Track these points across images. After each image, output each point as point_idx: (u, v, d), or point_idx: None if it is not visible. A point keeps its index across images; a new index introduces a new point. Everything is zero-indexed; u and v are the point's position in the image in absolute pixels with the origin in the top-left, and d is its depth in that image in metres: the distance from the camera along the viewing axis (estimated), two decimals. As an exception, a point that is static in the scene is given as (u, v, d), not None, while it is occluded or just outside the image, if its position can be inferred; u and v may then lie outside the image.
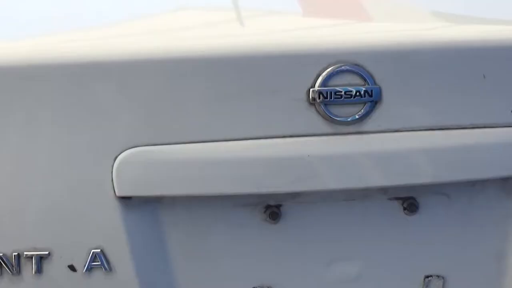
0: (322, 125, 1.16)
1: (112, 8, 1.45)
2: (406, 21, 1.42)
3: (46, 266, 1.16)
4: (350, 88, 1.14)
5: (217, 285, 1.26)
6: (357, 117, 1.16)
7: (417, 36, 1.30)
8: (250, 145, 1.18)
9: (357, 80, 1.15)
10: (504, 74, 1.23)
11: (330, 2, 1.46)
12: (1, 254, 1.15)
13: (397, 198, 1.24)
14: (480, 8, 1.46)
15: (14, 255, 1.15)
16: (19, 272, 1.16)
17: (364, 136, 1.18)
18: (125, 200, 1.17)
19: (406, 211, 1.24)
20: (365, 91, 1.14)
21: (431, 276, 1.26)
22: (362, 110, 1.16)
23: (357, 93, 1.14)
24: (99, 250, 1.17)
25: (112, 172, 1.15)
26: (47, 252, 1.16)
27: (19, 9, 1.46)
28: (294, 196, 1.22)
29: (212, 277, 1.25)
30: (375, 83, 1.15)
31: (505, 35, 1.30)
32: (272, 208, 1.21)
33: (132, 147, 1.15)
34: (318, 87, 1.14)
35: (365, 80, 1.14)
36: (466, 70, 1.21)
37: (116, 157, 1.15)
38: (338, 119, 1.15)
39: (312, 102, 1.15)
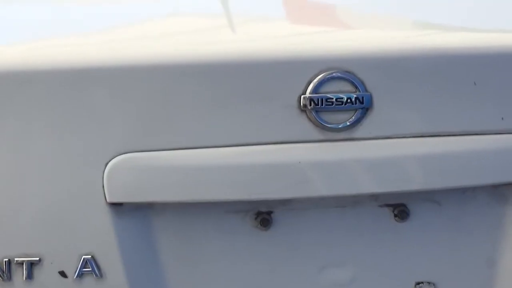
0: (313, 132, 1.16)
1: (104, 14, 1.46)
2: (396, 29, 1.42)
3: (37, 272, 1.15)
4: (341, 95, 1.14)
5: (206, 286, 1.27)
6: (348, 124, 1.15)
7: (407, 43, 1.30)
8: (241, 151, 1.18)
9: (348, 87, 1.15)
10: (494, 81, 1.23)
11: (320, 11, 1.47)
12: None
13: (388, 205, 1.24)
14: (468, 16, 1.47)
15: (5, 261, 1.15)
16: (9, 278, 1.16)
17: (355, 143, 1.18)
18: (116, 206, 1.16)
19: (397, 218, 1.23)
20: (356, 98, 1.14)
21: (422, 282, 1.26)
22: (353, 117, 1.15)
23: (348, 100, 1.14)
24: (90, 256, 1.16)
25: (103, 178, 1.14)
26: (37, 258, 1.15)
27: (16, 15, 1.45)
28: (285, 202, 1.22)
29: (204, 283, 1.24)
30: (366, 90, 1.15)
31: (495, 43, 1.31)
32: (263, 215, 1.21)
33: (123, 153, 1.15)
34: (309, 94, 1.14)
35: (356, 87, 1.14)
36: (456, 77, 1.21)
37: (107, 163, 1.14)
38: (329, 125, 1.15)
39: (303, 109, 1.15)
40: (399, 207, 1.23)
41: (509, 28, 1.42)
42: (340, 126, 1.16)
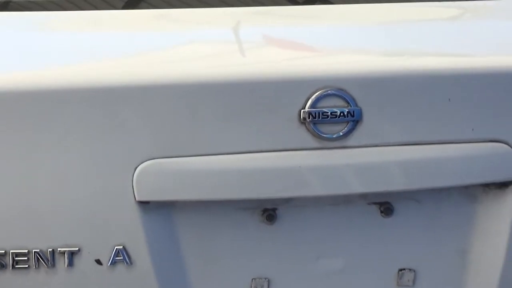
0: (311, 141, 1.20)
1: (133, 42, 1.45)
2: (382, 53, 1.42)
3: (76, 260, 1.19)
4: (335, 109, 1.19)
5: (222, 276, 1.27)
6: (341, 134, 1.20)
7: (391, 65, 1.33)
8: (250, 157, 1.22)
9: (341, 102, 1.19)
10: (466, 98, 1.25)
11: (316, 38, 1.46)
12: (38, 250, 1.18)
13: (375, 203, 1.28)
14: (443, 43, 1.47)
15: (49, 251, 1.19)
16: (53, 265, 1.19)
17: (347, 150, 1.22)
18: (144, 204, 1.20)
19: (383, 214, 1.27)
20: (348, 112, 1.19)
21: (404, 269, 1.29)
22: (345, 128, 1.20)
23: (341, 114, 1.19)
24: (121, 247, 1.20)
25: (133, 180, 1.18)
26: (77, 248, 1.19)
27: (53, 42, 1.45)
28: (288, 201, 1.25)
29: (218, 269, 1.27)
30: (356, 105, 1.19)
31: (466, 66, 1.32)
32: (269, 211, 1.25)
33: (149, 159, 1.19)
34: (308, 108, 1.18)
35: (348, 102, 1.19)
36: (433, 95, 1.25)
37: (136, 168, 1.18)
38: (325, 135, 1.20)
39: (302, 121, 1.19)
40: (385, 205, 1.27)
41: (477, 52, 1.42)
42: (334, 136, 1.20)
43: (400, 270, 1.30)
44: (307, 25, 1.54)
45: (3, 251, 1.19)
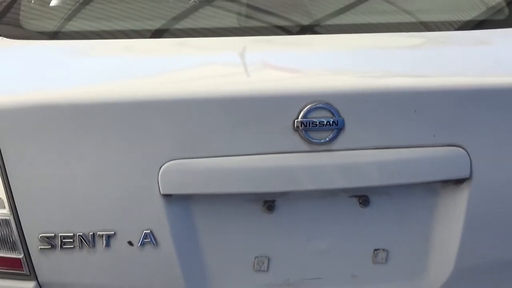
0: (303, 145, 1.20)
1: (158, 65, 1.44)
2: (361, 73, 1.41)
3: (112, 242, 1.20)
4: (322, 119, 1.18)
5: (230, 255, 1.26)
6: (327, 139, 1.20)
7: (369, 83, 1.33)
8: (252, 158, 1.21)
9: (327, 114, 1.19)
10: (428, 110, 1.25)
11: (306, 60, 1.47)
12: (82, 233, 1.18)
13: (355, 196, 1.27)
14: (413, 65, 1.47)
15: (90, 234, 1.19)
16: (94, 246, 1.19)
17: (332, 153, 1.22)
18: (167, 196, 1.19)
19: (361, 205, 1.27)
20: (333, 121, 1.18)
21: (378, 249, 1.28)
22: (331, 135, 1.19)
23: (327, 123, 1.18)
24: (149, 231, 1.20)
25: (158, 177, 1.18)
26: (113, 232, 1.19)
27: (96, 64, 1.45)
28: (284, 194, 1.24)
29: (227, 250, 1.26)
30: (340, 116, 1.19)
31: (428, 84, 1.32)
32: (269, 203, 1.24)
33: (172, 160, 1.19)
34: (300, 118, 1.18)
35: (333, 114, 1.19)
36: (402, 107, 1.24)
37: (161, 167, 1.18)
38: (314, 141, 1.19)
39: (296, 129, 1.19)
40: (363, 197, 1.26)
41: (437, 74, 1.41)
42: (321, 141, 1.20)
43: (375, 250, 1.29)
44: (299, 51, 1.52)
45: (53, 234, 1.19)
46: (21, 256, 1.20)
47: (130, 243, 1.21)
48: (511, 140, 1.29)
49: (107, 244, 1.20)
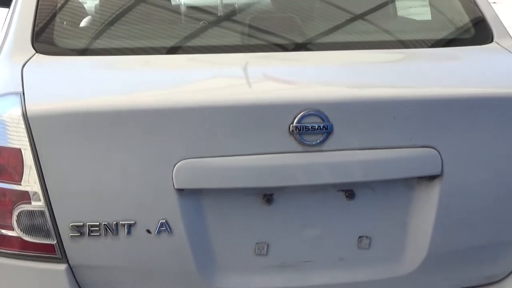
0: (297, 146, 1.20)
1: (173, 77, 1.44)
2: (347, 85, 1.41)
3: (133, 230, 1.20)
4: (314, 124, 1.19)
5: (234, 242, 1.26)
6: (318, 142, 1.20)
7: (354, 93, 1.33)
8: (254, 158, 1.21)
9: (318, 119, 1.19)
10: (406, 116, 1.25)
11: (300, 74, 1.46)
12: (106, 222, 1.18)
13: (342, 190, 1.26)
14: (392, 77, 1.47)
15: (114, 223, 1.19)
16: (117, 233, 1.19)
17: (322, 153, 1.22)
18: (180, 190, 1.19)
19: (347, 198, 1.26)
20: (323, 126, 1.19)
21: (362, 236, 1.28)
22: (321, 138, 1.20)
23: (318, 128, 1.19)
24: (164, 220, 1.19)
25: (172, 174, 1.18)
26: (133, 222, 1.19)
27: (119, 77, 1.44)
28: (281, 189, 1.25)
29: (231, 236, 1.26)
30: (329, 121, 1.19)
31: (406, 93, 1.33)
32: (267, 196, 1.24)
33: (184, 159, 1.19)
34: (295, 124, 1.18)
35: (323, 119, 1.19)
36: (383, 114, 1.25)
37: (175, 165, 1.18)
38: (306, 143, 1.20)
39: (291, 133, 1.19)
40: (349, 191, 1.26)
41: (413, 85, 1.41)
42: (313, 143, 1.20)
43: (360, 237, 1.29)
44: (294, 66, 1.51)
45: (82, 223, 1.19)
46: (54, 242, 1.20)
47: (148, 231, 1.20)
48: (477, 142, 1.29)
49: (128, 232, 1.20)
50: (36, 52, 1.41)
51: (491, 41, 1.57)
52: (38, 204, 1.19)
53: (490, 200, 1.30)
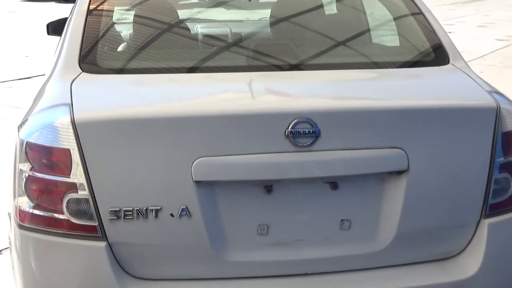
0: (291, 147, 1.20)
1: (192, 91, 1.45)
2: (333, 97, 1.41)
3: (159, 214, 1.19)
4: (305, 130, 1.19)
5: (241, 223, 1.25)
6: (308, 144, 1.20)
7: (338, 104, 1.34)
8: (256, 156, 1.21)
9: (308, 126, 1.19)
10: (379, 123, 1.26)
11: (294, 88, 1.45)
12: (138, 208, 1.18)
13: (328, 182, 1.25)
14: (370, 92, 1.47)
15: (144, 209, 1.19)
16: (146, 217, 1.19)
17: (312, 153, 1.21)
18: (197, 182, 1.19)
19: (332, 189, 1.26)
20: (313, 131, 1.19)
21: (344, 219, 1.27)
22: (311, 140, 1.20)
23: (308, 132, 1.19)
24: (185, 206, 1.19)
25: (191, 168, 1.18)
26: (160, 207, 1.19)
27: (148, 91, 1.44)
28: (279, 181, 1.24)
29: (238, 219, 1.25)
30: (317, 127, 1.19)
31: (379, 105, 1.33)
32: (268, 187, 1.23)
33: (201, 157, 1.19)
34: (290, 129, 1.18)
35: (312, 125, 1.19)
36: (360, 122, 1.26)
37: (193, 162, 1.18)
38: (299, 144, 1.20)
39: (286, 136, 1.19)
40: (333, 183, 1.25)
41: (385, 97, 1.41)
42: (304, 145, 1.20)
43: (342, 220, 1.28)
44: (290, 82, 1.50)
45: (118, 209, 1.19)
46: (96, 224, 1.20)
47: (172, 215, 1.20)
48: (436, 143, 1.29)
49: (156, 216, 1.20)
50: (82, 71, 1.42)
51: (448, 63, 1.57)
52: (83, 193, 1.19)
53: (446, 191, 1.30)
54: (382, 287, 1.27)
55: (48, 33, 2.89)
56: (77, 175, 1.19)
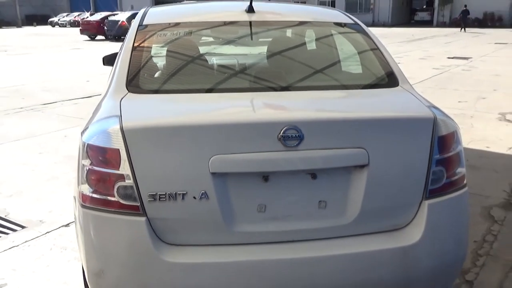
0: (282, 147, 1.19)
1: (210, 106, 1.39)
2: (315, 109, 1.38)
3: (185, 197, 1.18)
4: (293, 134, 1.18)
5: (245, 203, 1.23)
6: (295, 145, 1.19)
7: (318, 116, 1.31)
8: (256, 154, 1.19)
9: (295, 131, 1.18)
10: (347, 130, 1.25)
11: (285, 103, 1.41)
12: (169, 192, 1.17)
13: (309, 173, 1.24)
14: (346, 107, 1.44)
15: (174, 193, 1.18)
16: (175, 199, 1.18)
17: (298, 151, 1.20)
18: (213, 174, 1.17)
19: (312, 178, 1.24)
20: (298, 135, 1.18)
21: (321, 201, 1.25)
22: (297, 142, 1.19)
23: (295, 136, 1.18)
24: (204, 191, 1.18)
25: (209, 163, 1.17)
26: (185, 192, 1.18)
27: (176, 106, 1.40)
28: (273, 172, 1.22)
29: (244, 200, 1.23)
30: (302, 132, 1.18)
31: (348, 116, 1.32)
32: (265, 177, 1.22)
33: (216, 155, 1.18)
34: (281, 134, 1.18)
35: (298, 131, 1.18)
36: (335, 128, 1.24)
37: (210, 158, 1.17)
38: (288, 145, 1.18)
39: (279, 139, 1.18)
40: (313, 174, 1.24)
41: (353, 110, 1.38)
42: (292, 146, 1.19)
43: (319, 201, 1.26)
44: (281, 100, 1.46)
45: (155, 193, 1.18)
46: (138, 204, 1.19)
47: (194, 197, 1.19)
48: (390, 145, 1.27)
49: (182, 198, 1.19)
50: (128, 92, 1.41)
51: (398, 85, 1.55)
52: (129, 182, 1.19)
53: (397, 180, 1.28)
54: (349, 250, 1.25)
55: (104, 64, 2.90)
56: (124, 168, 1.18)
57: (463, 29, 21.18)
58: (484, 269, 1.94)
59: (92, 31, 18.96)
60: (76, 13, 32.92)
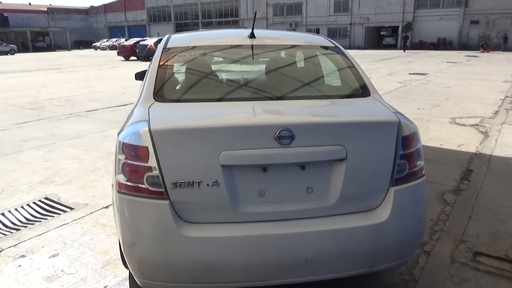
0: (278, 145, 1.18)
1: (221, 112, 1.36)
2: (306, 114, 1.35)
3: (200, 184, 1.14)
4: (286, 135, 1.17)
5: (248, 189, 1.20)
6: (288, 143, 1.18)
7: (306, 119, 1.28)
8: (257, 150, 1.18)
9: (288, 132, 1.17)
10: (330, 131, 1.23)
11: (281, 110, 1.36)
12: (188, 181, 1.15)
13: (299, 165, 1.22)
14: (332, 114, 1.39)
15: (191, 181, 1.16)
16: (192, 186, 1.16)
17: (290, 148, 1.18)
18: (223, 166, 1.16)
19: (301, 169, 1.22)
20: (290, 135, 1.17)
21: (309, 187, 1.23)
22: (289, 141, 1.18)
23: (288, 136, 1.17)
24: (215, 180, 1.16)
25: (219, 158, 1.15)
26: (201, 180, 1.16)
27: (193, 112, 1.36)
28: (271, 165, 1.20)
29: (247, 186, 1.21)
30: (293, 133, 1.17)
31: (331, 120, 1.30)
32: (264, 168, 1.21)
33: (225, 151, 1.16)
34: (277, 134, 1.17)
35: (290, 132, 1.17)
36: (320, 130, 1.23)
37: (220, 153, 1.16)
38: (282, 143, 1.17)
39: (275, 139, 1.17)
40: (302, 166, 1.22)
41: (335, 115, 1.36)
42: (285, 144, 1.17)
43: (307, 188, 1.24)
44: (277, 107, 1.42)
45: (176, 181, 1.17)
46: (163, 190, 1.18)
47: (208, 185, 1.18)
48: (364, 143, 1.25)
49: (198, 185, 1.18)
50: (155, 101, 1.40)
51: (370, 95, 1.53)
52: (156, 172, 1.18)
53: (369, 171, 1.27)
54: (331, 227, 1.24)
55: (136, 79, 2.89)
56: (152, 162, 1.17)
57: (405, 51, 21.67)
58: (439, 242, 1.97)
59: (127, 53, 19.25)
60: (114, 39, 33.38)
